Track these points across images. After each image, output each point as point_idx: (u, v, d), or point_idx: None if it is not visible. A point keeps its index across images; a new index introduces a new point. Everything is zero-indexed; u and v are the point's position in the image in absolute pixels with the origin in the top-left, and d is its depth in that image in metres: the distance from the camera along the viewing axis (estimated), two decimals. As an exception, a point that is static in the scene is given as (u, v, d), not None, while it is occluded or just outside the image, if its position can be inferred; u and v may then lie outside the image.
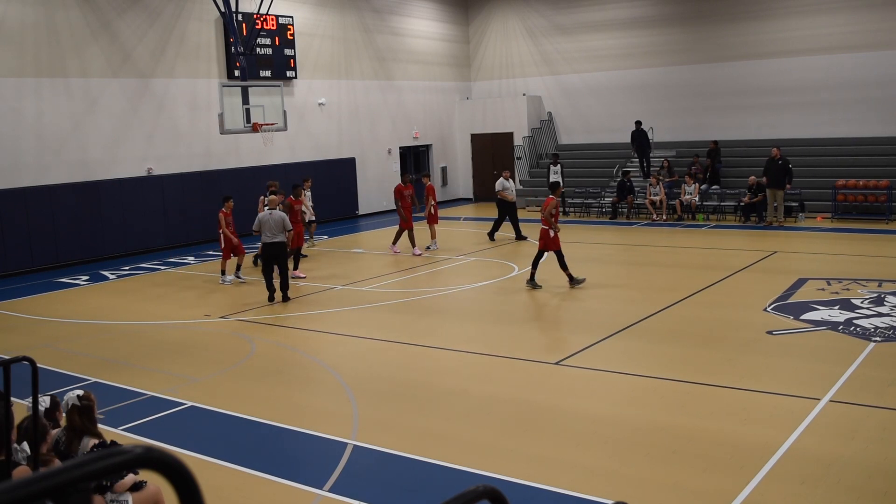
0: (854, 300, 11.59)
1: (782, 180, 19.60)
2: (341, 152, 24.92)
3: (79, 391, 5.29)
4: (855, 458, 6.38)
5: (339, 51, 24.78)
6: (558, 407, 7.92)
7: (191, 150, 20.72)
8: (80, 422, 5.09)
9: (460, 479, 6.27)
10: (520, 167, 27.16)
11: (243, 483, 6.52)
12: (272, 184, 16.16)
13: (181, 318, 12.61)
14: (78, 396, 5.18)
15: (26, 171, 17.54)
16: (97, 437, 5.18)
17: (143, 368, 9.91)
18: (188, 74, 20.60)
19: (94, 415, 5.24)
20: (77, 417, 5.10)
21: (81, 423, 5.09)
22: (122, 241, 19.16)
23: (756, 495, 5.82)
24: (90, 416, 5.19)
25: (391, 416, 7.89)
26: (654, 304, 11.99)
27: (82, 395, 5.21)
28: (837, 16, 22.46)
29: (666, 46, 25.33)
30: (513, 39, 28.74)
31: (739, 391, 8.06)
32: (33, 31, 17.54)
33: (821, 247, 16.80)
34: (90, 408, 5.20)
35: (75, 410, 5.11)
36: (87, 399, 5.22)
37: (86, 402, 5.18)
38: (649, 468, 6.39)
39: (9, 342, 11.46)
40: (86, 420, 5.13)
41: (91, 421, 5.19)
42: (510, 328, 11.31)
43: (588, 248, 17.75)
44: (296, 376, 9.53)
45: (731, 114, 24.31)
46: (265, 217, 13.25)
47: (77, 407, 5.11)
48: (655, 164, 23.75)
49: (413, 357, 10.07)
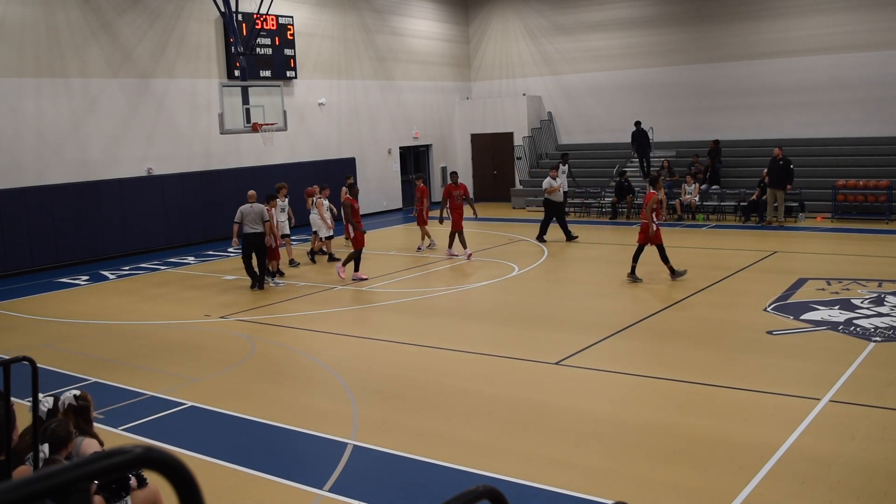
0: (854, 300, 11.59)
1: (783, 180, 19.62)
2: (341, 152, 24.92)
3: (75, 391, 5.29)
4: (855, 458, 6.37)
5: (339, 51, 24.78)
6: (558, 407, 7.91)
7: (191, 150, 20.72)
8: (76, 422, 5.09)
9: (460, 479, 6.26)
10: (520, 167, 27.17)
11: (243, 483, 6.52)
12: (282, 185, 16.40)
13: (181, 318, 12.62)
14: (74, 396, 5.18)
15: (26, 171, 17.54)
16: (93, 437, 5.18)
17: (143, 368, 9.91)
18: (188, 74, 20.61)
19: (90, 415, 5.24)
20: (73, 418, 5.10)
21: (77, 424, 5.09)
22: (122, 241, 19.17)
23: (756, 495, 5.82)
24: (86, 416, 5.19)
25: (391, 416, 7.89)
26: (654, 304, 11.99)
27: (79, 396, 5.21)
28: (837, 16, 22.46)
29: (666, 46, 25.33)
30: (513, 39, 28.74)
31: (739, 391, 8.06)
32: (33, 31, 17.54)
33: (821, 247, 16.80)
34: (87, 408, 5.20)
35: (71, 411, 5.11)
36: (84, 399, 5.22)
37: (82, 402, 5.18)
38: (649, 468, 6.39)
39: (9, 342, 11.46)
40: (81, 421, 5.13)
41: (87, 421, 5.19)
42: (510, 328, 11.31)
43: (588, 248, 17.74)
44: (296, 376, 9.53)
45: (731, 114, 24.31)
46: (247, 209, 14.28)
47: (73, 407, 5.11)
48: (655, 165, 23.75)
49: (413, 357, 10.07)
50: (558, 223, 18.46)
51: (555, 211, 18.45)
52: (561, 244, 18.17)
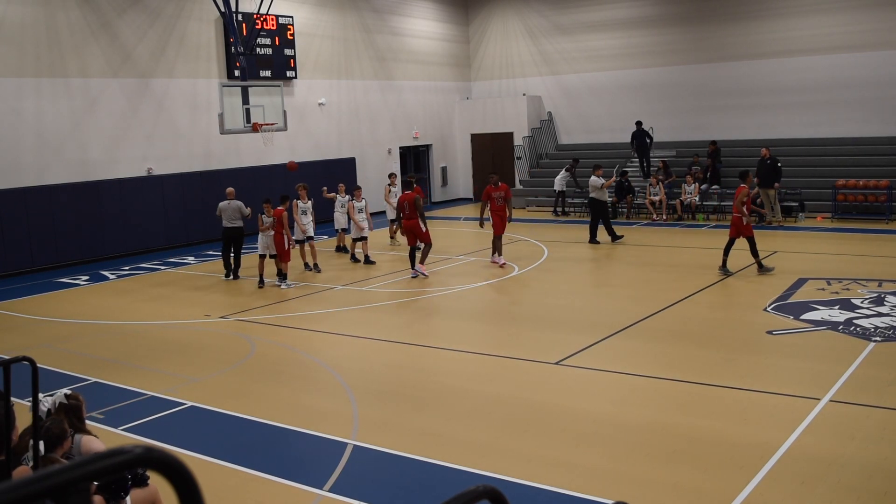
0: (854, 300, 11.59)
1: (772, 179, 19.73)
2: (341, 152, 24.92)
3: (66, 391, 5.32)
4: (855, 457, 6.37)
5: (339, 51, 24.78)
6: (558, 407, 7.91)
7: (191, 150, 20.72)
8: (70, 421, 5.12)
9: (460, 479, 6.26)
10: (520, 167, 27.17)
11: (243, 483, 6.52)
12: (302, 186, 16.50)
13: (181, 318, 12.61)
14: (66, 395, 5.22)
15: (26, 171, 17.54)
16: (88, 433, 5.22)
17: (143, 368, 9.91)
18: (188, 74, 20.61)
19: (82, 413, 5.28)
20: (65, 416, 5.13)
21: (71, 423, 5.12)
22: (122, 241, 19.16)
23: (756, 495, 5.82)
24: (79, 414, 5.23)
25: (391, 416, 7.88)
26: (654, 304, 11.99)
27: (69, 395, 5.25)
28: (837, 16, 22.45)
29: (666, 46, 25.33)
30: (513, 39, 28.73)
31: (739, 391, 8.06)
32: (33, 31, 17.54)
33: (821, 247, 16.79)
34: (78, 407, 5.24)
35: (63, 409, 5.14)
36: (75, 399, 5.25)
37: (73, 401, 5.22)
38: (649, 468, 6.39)
39: (9, 342, 11.46)
40: (74, 419, 5.17)
41: (80, 419, 5.23)
42: (510, 328, 11.31)
43: (588, 247, 17.74)
44: (296, 376, 9.53)
45: (731, 114, 24.31)
46: (224, 205, 15.39)
47: (65, 406, 5.15)
48: (655, 165, 23.75)
49: (413, 357, 10.07)
50: (603, 224, 17.88)
51: (601, 212, 17.89)
52: (582, 245, 18.16)
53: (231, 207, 15.29)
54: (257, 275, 14.89)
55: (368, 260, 16.54)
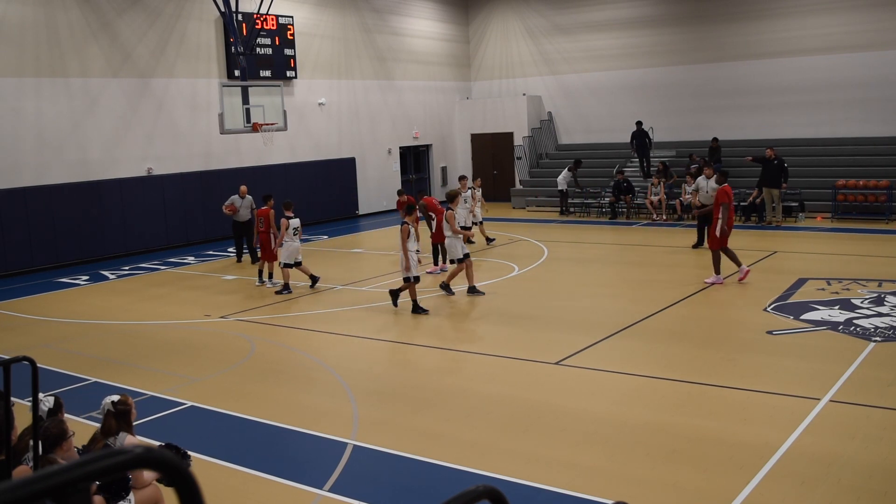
0: (854, 300, 11.59)
1: (778, 180, 19.67)
2: (341, 152, 24.91)
3: (115, 397, 5.30)
4: (855, 457, 6.37)
5: (339, 51, 24.78)
6: (558, 407, 7.91)
7: (191, 150, 20.72)
8: (117, 426, 5.14)
9: (460, 479, 6.26)
10: (520, 167, 27.16)
11: (243, 483, 6.52)
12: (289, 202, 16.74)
13: (181, 318, 12.61)
14: (113, 402, 5.21)
15: (26, 171, 17.54)
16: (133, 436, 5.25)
17: (143, 368, 9.91)
18: (188, 74, 20.60)
19: (130, 418, 5.27)
20: (113, 422, 5.14)
21: (118, 427, 5.13)
22: (122, 241, 19.16)
23: (756, 495, 5.82)
24: (127, 419, 5.22)
25: (391, 416, 7.88)
26: (654, 304, 11.99)
27: (117, 401, 5.23)
28: (837, 16, 22.46)
29: (666, 46, 25.33)
30: (513, 39, 28.73)
31: (739, 391, 8.06)
32: (33, 31, 17.54)
33: (821, 247, 16.80)
34: (127, 412, 5.24)
35: (111, 415, 5.14)
36: (124, 404, 5.24)
37: (122, 406, 5.22)
38: (649, 468, 6.39)
39: (9, 342, 11.46)
40: (123, 423, 5.18)
41: (128, 423, 5.23)
42: (510, 328, 11.31)
43: (588, 247, 17.74)
44: (296, 376, 9.53)
45: (731, 114, 24.31)
46: (237, 200, 16.67)
47: (112, 412, 5.16)
48: (655, 166, 23.74)
49: (413, 357, 10.07)
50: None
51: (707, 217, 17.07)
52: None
53: (244, 204, 16.89)
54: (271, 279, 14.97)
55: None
